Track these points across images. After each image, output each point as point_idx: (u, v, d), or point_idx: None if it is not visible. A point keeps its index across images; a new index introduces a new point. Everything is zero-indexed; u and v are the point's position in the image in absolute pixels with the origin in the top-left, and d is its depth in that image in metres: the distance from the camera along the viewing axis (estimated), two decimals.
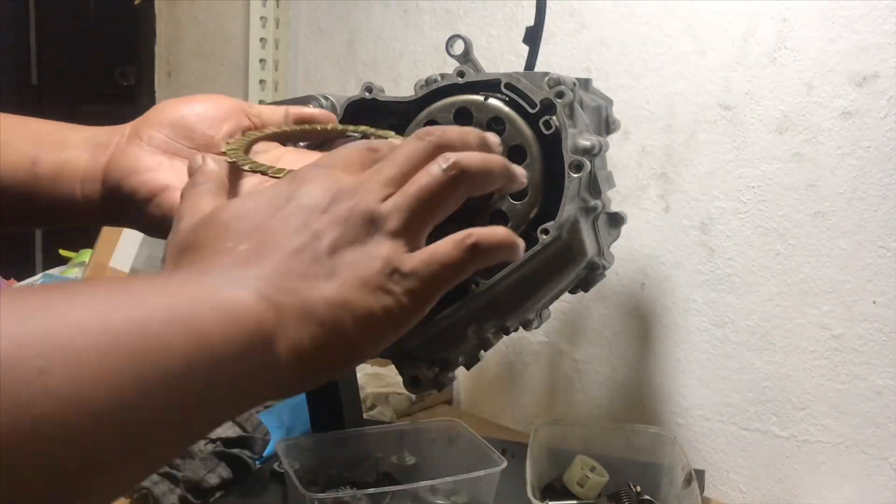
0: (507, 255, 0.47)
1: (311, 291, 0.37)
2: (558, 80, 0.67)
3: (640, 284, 1.07)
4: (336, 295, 0.38)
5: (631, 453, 0.92)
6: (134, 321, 0.30)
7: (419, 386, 0.76)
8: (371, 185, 0.42)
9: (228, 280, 0.36)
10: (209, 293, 0.34)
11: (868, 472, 0.90)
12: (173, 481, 0.87)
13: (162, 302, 0.32)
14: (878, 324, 0.88)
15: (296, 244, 0.38)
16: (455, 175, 0.43)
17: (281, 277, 0.37)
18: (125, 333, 0.29)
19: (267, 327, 0.35)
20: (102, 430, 0.27)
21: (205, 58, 1.81)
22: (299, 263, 0.38)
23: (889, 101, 0.86)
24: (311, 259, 0.38)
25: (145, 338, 0.30)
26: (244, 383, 0.34)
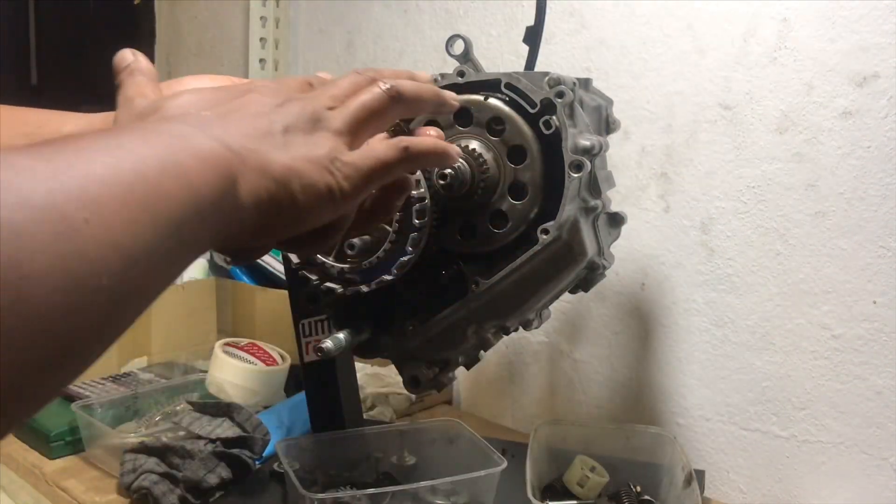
0: (438, 160, 0.53)
1: (268, 154, 0.42)
2: (558, 80, 0.67)
3: (640, 284, 1.07)
4: (288, 162, 0.43)
5: (631, 453, 0.92)
6: (139, 173, 0.33)
7: (419, 386, 0.76)
8: (318, 96, 0.48)
9: (197, 132, 0.39)
10: (185, 143, 0.38)
11: (868, 472, 0.90)
12: (173, 481, 0.87)
13: (152, 153, 0.35)
14: (878, 324, 0.88)
15: (254, 119, 0.43)
16: (392, 94, 0.49)
17: (242, 137, 0.41)
18: (135, 185, 0.32)
19: (234, 172, 0.39)
20: (132, 269, 0.31)
21: (205, 58, 1.81)
22: (257, 131, 0.43)
23: (889, 101, 0.86)
24: (268, 132, 0.43)
25: (149, 187, 0.33)
26: (221, 223, 0.39)
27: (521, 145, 0.69)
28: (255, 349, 1.18)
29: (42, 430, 1.01)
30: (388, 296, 0.73)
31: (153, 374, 1.22)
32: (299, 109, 0.45)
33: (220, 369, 1.14)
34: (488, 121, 0.70)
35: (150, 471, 0.88)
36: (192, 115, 0.43)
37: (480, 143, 0.70)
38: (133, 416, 1.07)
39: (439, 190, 0.67)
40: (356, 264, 0.67)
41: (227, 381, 1.11)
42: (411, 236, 0.65)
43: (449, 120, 0.71)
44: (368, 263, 0.66)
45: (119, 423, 1.04)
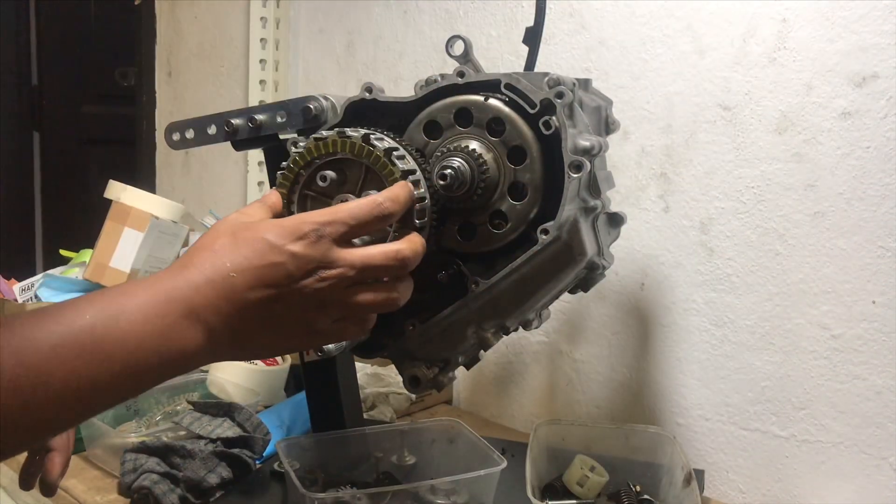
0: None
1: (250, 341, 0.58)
2: (558, 81, 0.67)
3: (640, 284, 1.07)
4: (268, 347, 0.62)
5: (630, 453, 0.92)
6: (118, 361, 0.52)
7: (419, 386, 0.76)
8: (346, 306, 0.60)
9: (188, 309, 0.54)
10: (161, 338, 0.53)
11: (868, 472, 0.90)
12: (174, 481, 0.87)
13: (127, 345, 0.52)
14: (877, 324, 0.89)
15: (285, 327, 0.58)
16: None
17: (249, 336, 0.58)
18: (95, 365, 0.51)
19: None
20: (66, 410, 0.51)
21: (205, 58, 1.81)
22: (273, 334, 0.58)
23: (888, 101, 0.86)
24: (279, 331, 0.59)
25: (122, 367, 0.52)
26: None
27: (521, 146, 0.69)
28: None
29: None
30: None
31: None
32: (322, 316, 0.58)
33: (220, 369, 1.14)
34: (488, 121, 0.70)
35: (151, 470, 0.88)
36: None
37: (480, 143, 0.70)
38: (134, 415, 1.07)
39: (439, 190, 0.68)
40: None
41: (227, 380, 1.12)
42: None
43: (449, 120, 0.72)
44: None
45: (119, 423, 1.04)
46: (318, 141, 0.68)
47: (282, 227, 0.57)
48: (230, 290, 0.55)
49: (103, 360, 0.50)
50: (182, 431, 0.95)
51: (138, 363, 0.51)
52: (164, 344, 0.52)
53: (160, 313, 0.52)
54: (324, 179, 0.66)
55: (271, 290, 0.55)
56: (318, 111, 0.77)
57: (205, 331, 0.54)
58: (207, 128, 0.84)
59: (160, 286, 0.54)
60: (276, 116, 0.80)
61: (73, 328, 0.49)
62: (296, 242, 0.56)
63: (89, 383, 0.49)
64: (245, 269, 0.55)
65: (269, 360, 1.17)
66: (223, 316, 0.54)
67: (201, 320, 0.54)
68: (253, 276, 0.55)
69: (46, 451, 0.73)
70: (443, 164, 0.68)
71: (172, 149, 0.88)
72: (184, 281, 0.54)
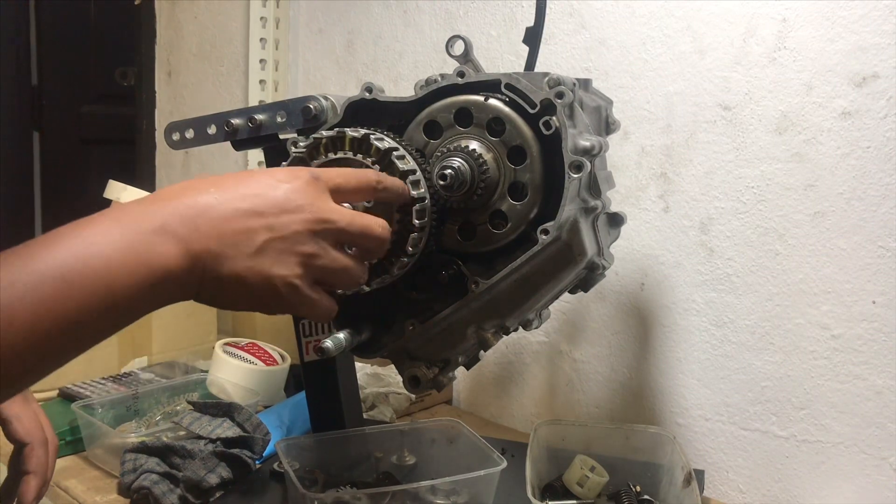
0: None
1: (227, 260, 0.53)
2: (558, 81, 0.67)
3: (640, 284, 1.07)
4: (242, 271, 0.55)
5: (631, 453, 0.92)
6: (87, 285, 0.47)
7: (419, 386, 0.76)
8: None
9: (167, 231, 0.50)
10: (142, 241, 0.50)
11: (868, 472, 0.90)
12: (173, 481, 0.87)
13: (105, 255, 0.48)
14: (877, 324, 0.89)
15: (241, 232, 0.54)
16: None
17: (215, 239, 0.52)
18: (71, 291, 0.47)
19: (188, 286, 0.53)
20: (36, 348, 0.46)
21: (205, 58, 1.81)
22: (235, 237, 0.53)
23: (888, 101, 0.86)
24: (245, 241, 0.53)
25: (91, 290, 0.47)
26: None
27: (521, 146, 0.69)
28: (256, 349, 1.18)
29: None
30: (388, 296, 0.73)
31: (154, 374, 1.22)
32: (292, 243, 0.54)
33: (220, 369, 1.14)
34: (488, 121, 0.70)
35: (151, 471, 0.88)
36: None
37: (480, 143, 0.70)
38: (133, 415, 1.07)
39: (439, 190, 0.68)
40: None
41: (227, 380, 1.12)
42: (411, 236, 0.65)
43: (449, 120, 0.72)
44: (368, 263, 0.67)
45: (119, 423, 1.04)
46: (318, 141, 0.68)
47: (276, 169, 0.57)
48: (212, 211, 0.52)
49: (81, 302, 0.47)
50: (182, 431, 0.95)
51: (116, 296, 0.48)
52: (139, 267, 0.49)
53: (127, 231, 0.49)
54: None
55: (257, 218, 0.53)
56: (317, 111, 0.77)
57: (180, 248, 0.50)
58: (207, 128, 0.84)
59: (127, 212, 0.51)
60: (276, 116, 0.80)
61: (44, 275, 0.46)
62: (291, 181, 0.55)
63: (69, 324, 0.46)
64: (231, 195, 0.53)
65: (269, 361, 1.18)
66: (201, 235, 0.51)
67: (177, 235, 0.50)
68: (238, 200, 0.53)
69: (24, 474, 0.72)
70: (443, 164, 0.68)
71: (172, 149, 0.88)
72: (154, 204, 0.51)
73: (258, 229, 0.53)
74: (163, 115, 1.95)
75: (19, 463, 0.73)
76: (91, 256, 0.47)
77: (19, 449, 0.74)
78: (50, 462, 0.75)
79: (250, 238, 0.53)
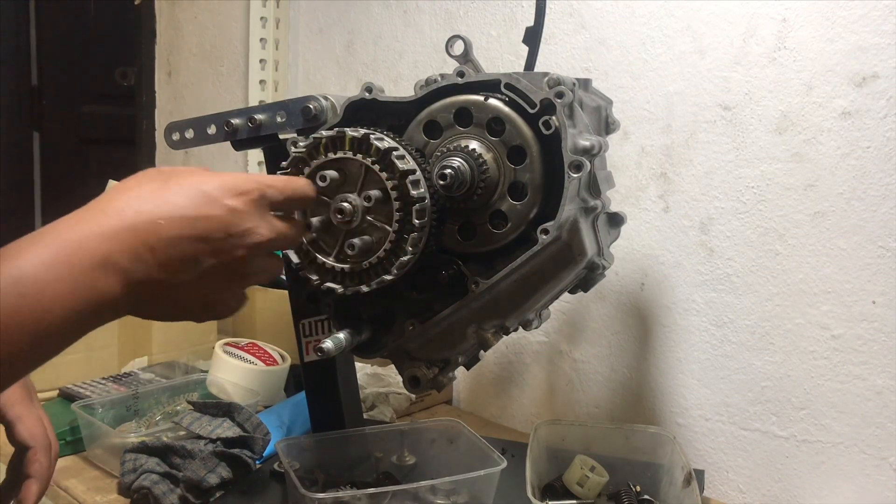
0: None
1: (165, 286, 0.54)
2: (558, 81, 0.67)
3: (640, 284, 1.07)
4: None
5: (631, 453, 0.92)
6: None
7: (419, 386, 0.76)
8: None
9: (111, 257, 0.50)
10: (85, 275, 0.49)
11: (868, 472, 0.90)
12: (173, 481, 0.87)
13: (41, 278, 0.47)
14: (877, 324, 0.89)
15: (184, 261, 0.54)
16: None
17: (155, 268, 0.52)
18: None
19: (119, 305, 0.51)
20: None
21: (205, 58, 1.81)
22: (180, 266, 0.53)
23: (888, 101, 0.86)
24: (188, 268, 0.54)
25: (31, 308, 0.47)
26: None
27: (521, 146, 0.69)
28: (256, 349, 1.18)
29: None
30: (388, 296, 0.73)
31: (154, 374, 1.22)
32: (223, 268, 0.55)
33: (220, 369, 1.14)
34: (488, 121, 0.70)
35: (151, 471, 0.88)
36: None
37: (480, 143, 0.70)
38: (133, 415, 1.07)
39: (439, 190, 0.68)
40: (356, 265, 0.67)
41: (227, 380, 1.12)
42: (411, 236, 0.65)
43: (449, 120, 0.72)
44: (368, 263, 0.67)
45: (119, 423, 1.04)
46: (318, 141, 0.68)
47: (223, 180, 0.55)
48: (156, 238, 0.51)
49: (13, 333, 0.46)
50: (182, 431, 0.95)
51: (51, 327, 0.47)
52: (76, 297, 0.48)
53: (71, 263, 0.48)
54: (324, 179, 0.66)
55: (202, 243, 0.53)
56: (317, 111, 0.77)
57: (121, 279, 0.50)
58: (207, 128, 0.84)
59: (68, 233, 0.49)
60: (276, 116, 0.80)
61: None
62: (236, 197, 0.54)
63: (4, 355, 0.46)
64: (175, 217, 0.52)
65: (269, 361, 1.18)
66: (145, 266, 0.50)
67: (118, 269, 0.49)
68: (184, 226, 0.52)
69: (25, 478, 0.71)
70: (443, 164, 0.68)
71: (172, 149, 0.88)
72: (97, 227, 0.50)
73: (203, 256, 0.53)
74: (163, 115, 1.95)
75: (21, 466, 0.72)
76: (26, 289, 0.46)
77: (21, 452, 0.73)
78: (51, 467, 0.74)
79: (194, 265, 0.53)
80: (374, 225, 0.66)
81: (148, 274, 0.51)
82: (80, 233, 0.49)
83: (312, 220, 0.68)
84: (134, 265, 0.50)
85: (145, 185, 0.53)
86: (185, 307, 0.56)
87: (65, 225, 0.50)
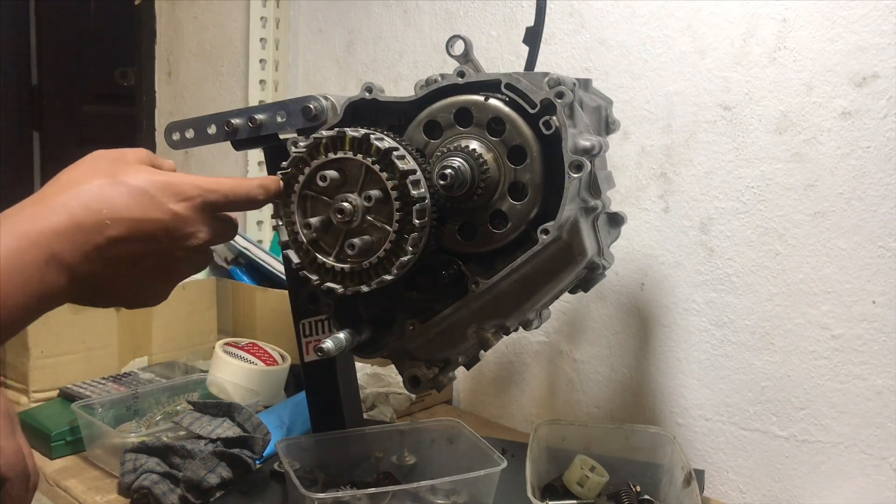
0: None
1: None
2: (558, 81, 0.67)
3: (640, 284, 1.07)
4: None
5: (631, 453, 0.92)
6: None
7: (419, 386, 0.76)
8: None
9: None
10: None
11: (868, 472, 0.90)
12: (174, 481, 0.87)
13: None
14: (877, 324, 0.89)
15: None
16: None
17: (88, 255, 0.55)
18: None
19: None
20: None
21: (205, 58, 1.81)
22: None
23: (888, 101, 0.86)
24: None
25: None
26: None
27: (522, 146, 0.69)
28: (256, 349, 1.18)
29: (43, 429, 1.01)
30: (389, 296, 0.73)
31: (154, 374, 1.22)
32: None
33: (220, 369, 1.14)
34: (488, 121, 0.70)
35: (151, 471, 0.88)
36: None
37: (480, 143, 0.70)
38: (133, 415, 1.07)
39: (439, 190, 0.68)
40: (357, 265, 0.67)
41: (227, 380, 1.12)
42: (411, 236, 0.65)
43: (449, 120, 0.72)
44: (369, 263, 0.67)
45: (119, 423, 1.04)
46: (319, 141, 0.68)
47: (168, 183, 0.58)
48: (102, 238, 0.54)
49: None
50: (182, 431, 0.95)
51: (0, 318, 0.50)
52: (27, 291, 0.51)
53: (23, 260, 0.51)
54: (324, 179, 0.66)
55: (146, 244, 0.56)
56: (318, 111, 0.77)
57: (67, 275, 0.54)
58: (207, 127, 0.84)
59: (21, 228, 0.52)
60: (276, 116, 0.80)
61: None
62: (180, 203, 0.58)
63: None
64: (122, 219, 0.55)
65: (269, 361, 1.18)
66: (90, 262, 0.54)
67: (65, 265, 0.53)
68: (129, 228, 0.55)
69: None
70: (443, 164, 0.68)
71: (172, 149, 0.88)
72: (47, 223, 0.53)
73: (146, 255, 0.57)
74: (163, 115, 1.95)
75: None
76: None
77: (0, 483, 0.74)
78: (28, 498, 0.74)
79: (137, 263, 0.57)
80: (375, 225, 0.66)
81: (92, 270, 0.55)
82: (34, 229, 0.52)
83: (312, 220, 0.68)
84: (80, 262, 0.54)
85: (95, 178, 0.56)
86: (121, 297, 0.60)
87: (17, 220, 0.53)
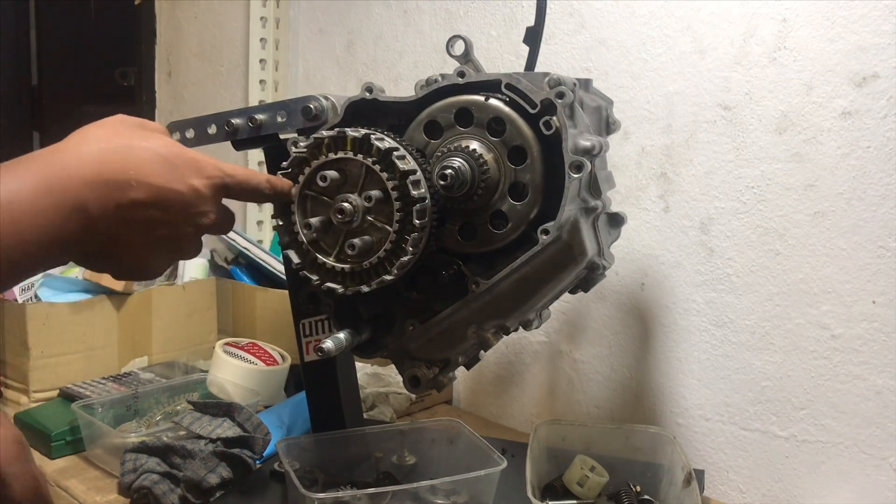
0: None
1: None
2: (559, 81, 0.67)
3: (640, 284, 1.07)
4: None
5: (631, 453, 0.92)
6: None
7: (419, 386, 0.76)
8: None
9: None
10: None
11: (868, 472, 0.90)
12: (174, 481, 0.87)
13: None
14: (877, 324, 0.89)
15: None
16: None
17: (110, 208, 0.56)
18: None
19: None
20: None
21: (205, 58, 1.81)
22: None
23: (888, 101, 0.86)
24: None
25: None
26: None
27: (522, 146, 0.69)
28: (256, 349, 1.18)
29: (43, 429, 1.01)
30: (389, 296, 0.73)
31: (154, 374, 1.22)
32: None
33: (220, 369, 1.14)
34: (489, 121, 0.70)
35: (151, 470, 0.88)
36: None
37: (481, 143, 0.70)
38: (134, 415, 1.07)
39: (440, 190, 0.68)
40: (357, 265, 0.67)
41: (227, 380, 1.12)
42: (412, 237, 0.65)
43: (450, 120, 0.72)
44: (369, 264, 0.67)
45: (120, 423, 1.04)
46: (319, 140, 0.68)
47: (193, 159, 0.60)
48: (125, 197, 0.55)
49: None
50: (182, 431, 0.95)
51: (14, 253, 0.51)
52: (47, 231, 0.52)
53: (48, 201, 0.52)
54: (324, 179, 0.66)
55: (162, 212, 0.57)
56: (318, 111, 0.77)
57: (85, 225, 0.54)
58: (207, 127, 0.84)
59: (48, 170, 0.53)
60: (277, 116, 0.80)
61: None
62: (201, 179, 0.59)
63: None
64: (146, 183, 0.56)
65: (269, 361, 1.18)
66: (108, 219, 0.55)
67: (87, 216, 0.54)
68: (151, 193, 0.56)
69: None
70: (443, 165, 0.68)
71: None
72: (77, 171, 0.54)
73: (159, 224, 0.58)
74: (163, 115, 1.95)
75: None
76: (13, 210, 0.50)
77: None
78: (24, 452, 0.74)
79: (150, 230, 0.58)
80: (375, 225, 0.66)
81: (108, 227, 0.55)
82: (63, 173, 0.53)
83: (312, 220, 0.68)
84: (101, 217, 0.55)
85: (121, 139, 0.57)
86: (123, 262, 0.60)
87: (39, 163, 0.54)
